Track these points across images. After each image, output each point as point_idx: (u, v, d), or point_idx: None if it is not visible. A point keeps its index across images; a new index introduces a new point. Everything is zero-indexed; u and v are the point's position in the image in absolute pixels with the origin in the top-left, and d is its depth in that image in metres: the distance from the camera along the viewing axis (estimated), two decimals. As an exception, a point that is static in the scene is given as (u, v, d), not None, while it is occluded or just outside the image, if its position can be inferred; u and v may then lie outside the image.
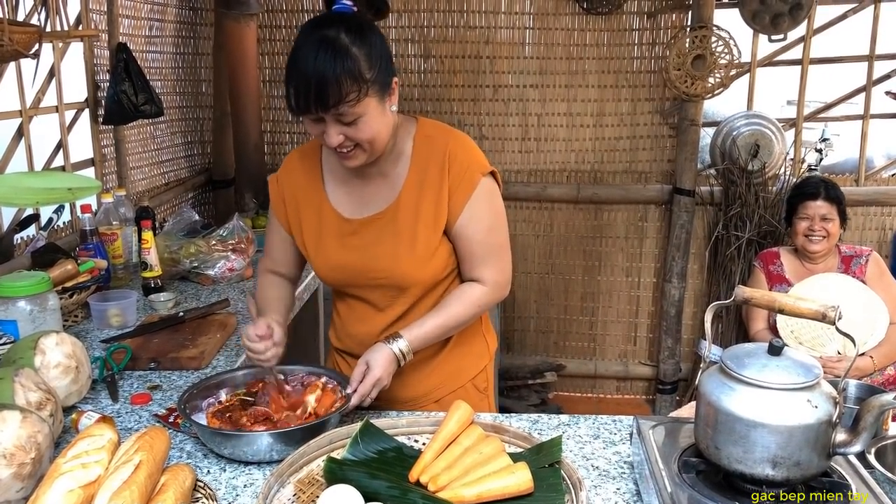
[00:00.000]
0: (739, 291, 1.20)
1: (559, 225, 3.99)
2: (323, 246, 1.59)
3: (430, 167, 1.52)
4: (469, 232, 1.53)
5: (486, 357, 1.76)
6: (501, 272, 1.59)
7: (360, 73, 1.34)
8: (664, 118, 3.81)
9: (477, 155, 1.55)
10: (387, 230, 1.54)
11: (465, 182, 1.51)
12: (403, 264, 1.53)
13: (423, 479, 1.23)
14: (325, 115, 1.36)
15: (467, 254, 1.56)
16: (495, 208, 1.57)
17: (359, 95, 1.35)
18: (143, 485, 1.10)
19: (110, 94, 2.81)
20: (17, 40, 2.08)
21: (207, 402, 1.49)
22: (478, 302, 1.57)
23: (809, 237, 2.88)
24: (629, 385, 4.18)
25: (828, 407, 1.07)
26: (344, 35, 1.34)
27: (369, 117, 1.38)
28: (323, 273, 1.63)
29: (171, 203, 3.47)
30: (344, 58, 1.32)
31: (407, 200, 1.53)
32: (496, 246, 1.57)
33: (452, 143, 1.53)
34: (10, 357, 1.54)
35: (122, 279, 2.50)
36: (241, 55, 3.42)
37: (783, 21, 3.46)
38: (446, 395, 1.66)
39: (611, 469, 1.36)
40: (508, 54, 3.82)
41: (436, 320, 1.54)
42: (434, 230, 1.52)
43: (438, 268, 1.56)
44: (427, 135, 1.55)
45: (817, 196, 2.90)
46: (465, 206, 1.51)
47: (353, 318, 1.66)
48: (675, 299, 3.87)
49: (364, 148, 1.43)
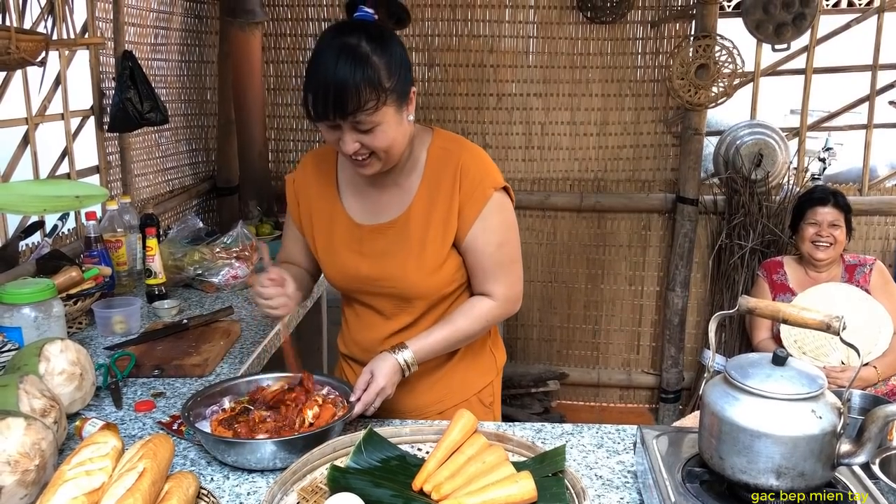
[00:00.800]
0: (743, 301, 1.20)
1: (562, 233, 3.99)
2: (333, 250, 1.59)
3: (443, 179, 1.52)
4: (479, 246, 1.53)
5: (492, 372, 1.75)
6: (511, 287, 1.58)
7: (379, 82, 1.34)
8: (668, 127, 3.81)
9: (490, 169, 1.54)
10: (397, 239, 1.54)
11: (477, 196, 1.51)
12: (411, 274, 1.52)
13: (427, 488, 1.23)
14: (342, 122, 1.36)
15: (477, 268, 1.56)
16: (507, 223, 1.56)
17: (377, 104, 1.34)
18: (147, 492, 1.10)
19: (115, 102, 2.82)
20: (24, 48, 2.09)
21: (211, 410, 1.49)
22: (485, 316, 1.57)
23: (816, 243, 2.88)
24: (632, 394, 4.18)
25: (832, 417, 1.07)
26: (365, 43, 1.34)
27: (386, 126, 1.38)
28: (332, 277, 1.63)
29: (175, 210, 3.48)
30: (364, 66, 1.32)
31: (417, 211, 1.53)
32: (506, 261, 1.57)
33: (466, 156, 1.52)
34: (15, 364, 1.55)
35: (127, 286, 2.51)
36: (246, 63, 3.43)
37: (786, 31, 3.47)
38: (450, 407, 1.65)
39: (614, 478, 1.36)
40: (512, 63, 3.83)
41: (442, 332, 1.54)
42: (443, 242, 1.52)
43: (445, 280, 1.55)
44: (442, 147, 1.54)
45: (827, 202, 2.90)
46: (475, 220, 1.51)
47: (360, 324, 1.66)
48: (678, 308, 3.87)
49: (379, 156, 1.42)
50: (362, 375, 1.47)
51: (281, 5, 3.89)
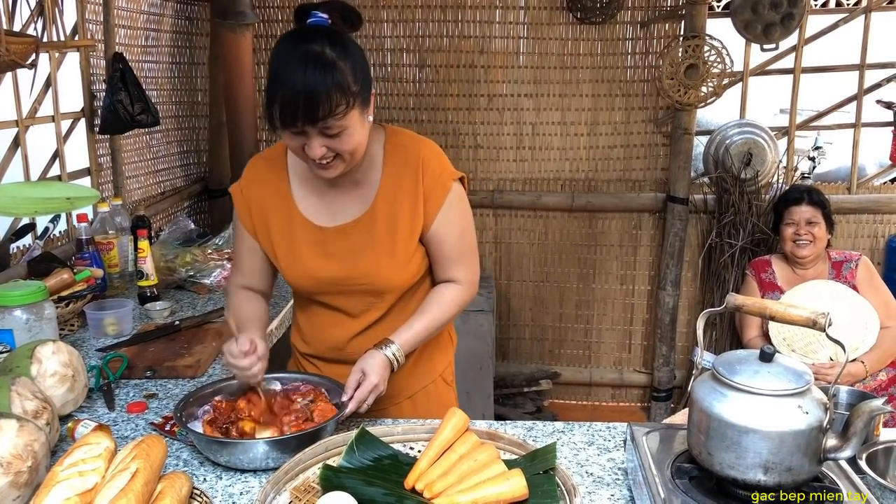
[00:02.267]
0: (731, 299, 1.22)
1: (554, 233, 4.01)
2: (296, 255, 1.58)
3: (405, 174, 1.55)
4: (443, 236, 1.58)
5: (451, 352, 1.81)
6: (474, 272, 1.65)
7: (347, 87, 1.35)
8: (658, 127, 3.83)
9: (446, 162, 1.60)
10: (363, 238, 1.55)
11: (439, 188, 1.55)
12: (384, 271, 1.55)
13: (419, 487, 1.24)
14: (310, 128, 1.36)
15: (441, 257, 1.60)
16: (465, 212, 1.62)
17: (346, 108, 1.36)
18: (140, 493, 1.10)
19: (106, 104, 2.81)
20: (13, 50, 2.09)
21: (203, 411, 1.50)
22: (456, 301, 1.62)
23: (796, 242, 2.92)
24: (624, 392, 4.19)
25: (818, 413, 1.08)
26: (329, 49, 1.35)
27: (352, 129, 1.40)
28: (297, 282, 1.62)
29: (167, 212, 3.48)
30: (332, 71, 1.33)
31: (382, 208, 1.55)
32: (467, 248, 1.63)
33: (425, 150, 1.57)
34: (7, 366, 1.55)
35: (119, 288, 2.51)
36: (237, 65, 3.43)
37: (775, 31, 3.49)
38: (418, 390, 1.71)
39: (605, 475, 1.37)
40: (503, 63, 3.84)
41: (422, 322, 1.57)
42: (410, 235, 1.55)
43: (414, 272, 1.60)
44: (399, 143, 1.58)
45: (801, 201, 2.94)
46: (438, 211, 1.55)
47: (325, 323, 1.66)
48: (669, 307, 3.89)
49: (344, 158, 1.44)
50: (353, 374, 1.48)
51: (271, 7, 3.89)
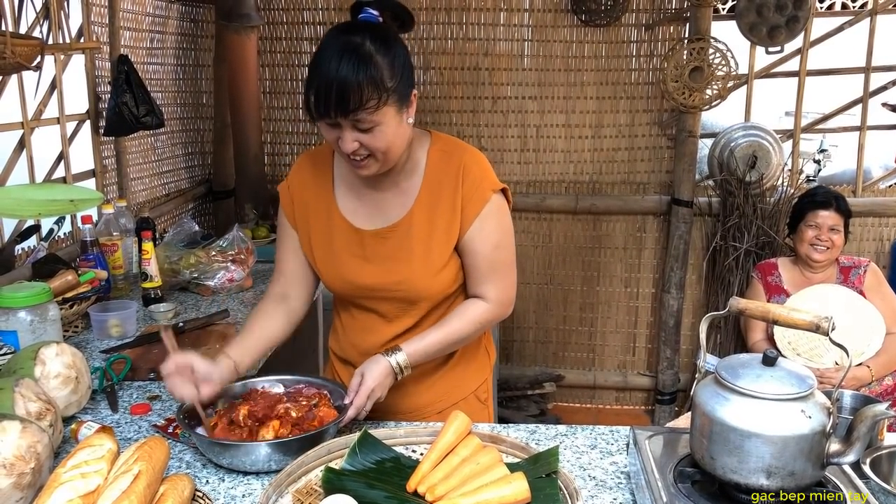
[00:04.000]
0: (734, 302, 1.22)
1: (558, 235, 4.00)
2: (334, 256, 1.58)
3: (445, 180, 1.53)
4: (476, 246, 1.54)
5: (487, 369, 1.76)
6: (505, 290, 1.59)
7: (381, 81, 1.34)
8: (662, 129, 3.82)
9: (489, 171, 1.56)
10: (401, 243, 1.53)
11: (477, 196, 1.52)
12: (418, 278, 1.53)
13: (421, 490, 1.24)
14: (342, 120, 1.36)
15: (472, 268, 1.57)
16: (503, 226, 1.57)
17: (378, 103, 1.35)
18: (143, 494, 1.10)
19: (111, 106, 2.82)
20: (19, 53, 2.09)
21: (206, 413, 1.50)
22: (479, 319, 1.58)
23: (815, 246, 2.88)
24: (628, 396, 4.18)
25: (822, 417, 1.08)
26: (369, 43, 1.35)
27: (386, 126, 1.39)
28: (333, 284, 1.61)
29: (171, 214, 3.49)
30: (367, 64, 1.33)
31: (420, 214, 1.53)
32: (501, 263, 1.58)
33: (468, 157, 1.54)
34: (11, 367, 1.55)
35: (123, 290, 2.51)
36: (242, 67, 3.44)
37: (780, 33, 3.48)
38: (448, 406, 1.65)
39: (608, 479, 1.37)
40: (507, 66, 3.84)
41: (437, 336, 1.54)
42: (447, 243, 1.53)
43: (449, 281, 1.56)
44: (443, 150, 1.56)
45: (829, 206, 2.89)
46: (474, 221, 1.52)
47: (358, 327, 1.64)
48: (673, 310, 3.88)
49: (377, 157, 1.43)
50: (354, 378, 1.47)
51: (276, 9, 3.90)
